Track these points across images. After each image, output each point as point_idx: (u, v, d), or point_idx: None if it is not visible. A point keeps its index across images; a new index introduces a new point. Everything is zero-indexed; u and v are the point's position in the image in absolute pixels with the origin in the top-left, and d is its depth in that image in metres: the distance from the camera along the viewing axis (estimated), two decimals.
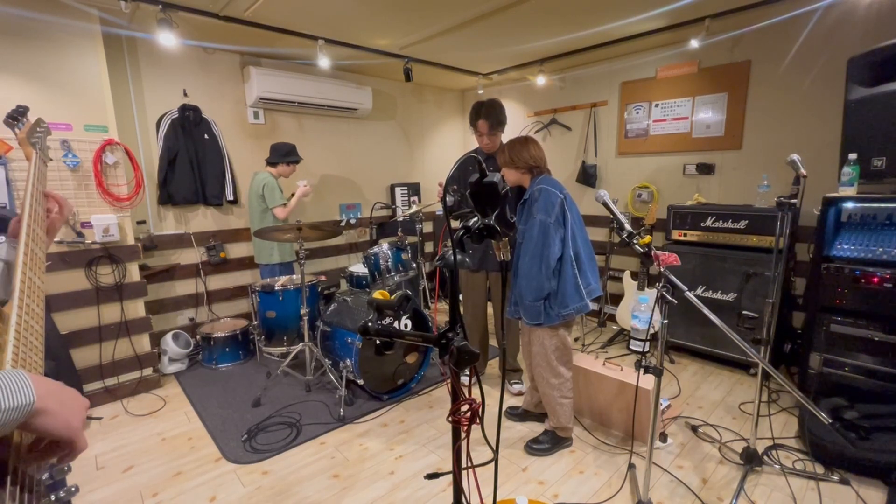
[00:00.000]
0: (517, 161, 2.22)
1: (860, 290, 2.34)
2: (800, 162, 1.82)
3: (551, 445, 2.32)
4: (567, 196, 2.15)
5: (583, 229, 2.19)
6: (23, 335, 0.67)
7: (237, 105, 3.74)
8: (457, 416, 1.05)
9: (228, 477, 2.17)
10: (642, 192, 4.00)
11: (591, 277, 2.19)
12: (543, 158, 2.25)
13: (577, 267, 2.12)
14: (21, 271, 0.74)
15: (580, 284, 2.12)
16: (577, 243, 2.14)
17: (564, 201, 2.12)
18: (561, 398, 2.26)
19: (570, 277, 2.10)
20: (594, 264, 2.23)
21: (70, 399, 0.55)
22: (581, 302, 2.12)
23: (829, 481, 2.03)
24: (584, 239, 2.18)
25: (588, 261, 2.18)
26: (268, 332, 3.34)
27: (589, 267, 2.18)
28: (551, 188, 2.13)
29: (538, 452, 2.30)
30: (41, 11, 2.52)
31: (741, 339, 1.60)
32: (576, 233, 2.14)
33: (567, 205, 2.12)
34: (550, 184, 2.16)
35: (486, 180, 0.95)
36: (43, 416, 0.50)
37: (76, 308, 2.80)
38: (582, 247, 2.16)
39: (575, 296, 2.12)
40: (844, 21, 2.84)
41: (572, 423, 2.35)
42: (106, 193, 2.81)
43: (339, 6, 2.75)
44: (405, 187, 4.93)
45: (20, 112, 1.12)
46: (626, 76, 3.99)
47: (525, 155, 2.21)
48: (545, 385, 2.27)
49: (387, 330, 1.07)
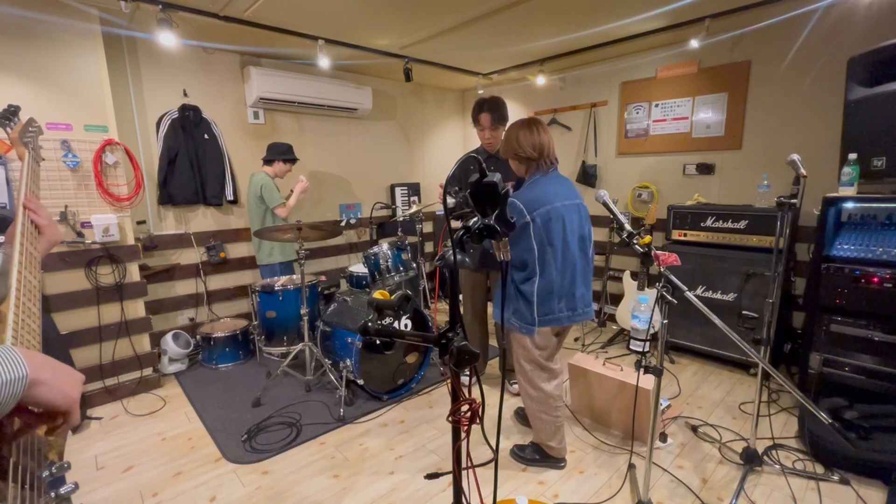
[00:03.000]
0: (508, 150, 1.98)
1: (860, 290, 2.34)
2: (800, 162, 1.82)
3: (539, 458, 2.18)
4: (547, 212, 1.85)
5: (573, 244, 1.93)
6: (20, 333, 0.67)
7: (237, 105, 3.74)
8: (457, 416, 1.05)
9: (228, 477, 2.17)
10: (642, 192, 4.00)
11: (562, 304, 1.93)
12: (537, 146, 1.91)
13: (538, 295, 1.90)
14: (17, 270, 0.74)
15: (535, 312, 1.91)
16: (549, 270, 1.88)
17: (532, 224, 1.84)
18: (541, 413, 2.09)
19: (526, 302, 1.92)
20: (573, 289, 1.94)
21: (63, 371, 0.56)
22: (528, 326, 1.93)
23: (829, 481, 2.03)
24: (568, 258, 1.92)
25: (564, 287, 1.92)
26: (268, 332, 3.34)
27: (563, 293, 1.93)
28: (521, 204, 1.84)
29: (519, 460, 2.22)
30: (41, 11, 2.52)
31: (741, 339, 1.60)
32: (550, 259, 1.88)
33: (536, 228, 1.85)
34: (532, 195, 1.88)
35: (486, 180, 0.95)
36: (39, 386, 0.52)
37: (76, 308, 2.80)
38: (558, 274, 1.90)
39: (524, 317, 1.93)
40: (844, 21, 2.84)
41: (561, 445, 2.15)
42: (106, 193, 2.81)
43: (339, 6, 2.75)
44: (405, 187, 4.93)
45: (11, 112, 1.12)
46: (626, 76, 3.99)
47: (514, 144, 1.93)
48: (524, 394, 2.13)
49: (387, 330, 1.07)
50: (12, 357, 0.49)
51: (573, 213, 1.96)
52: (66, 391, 0.55)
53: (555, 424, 2.11)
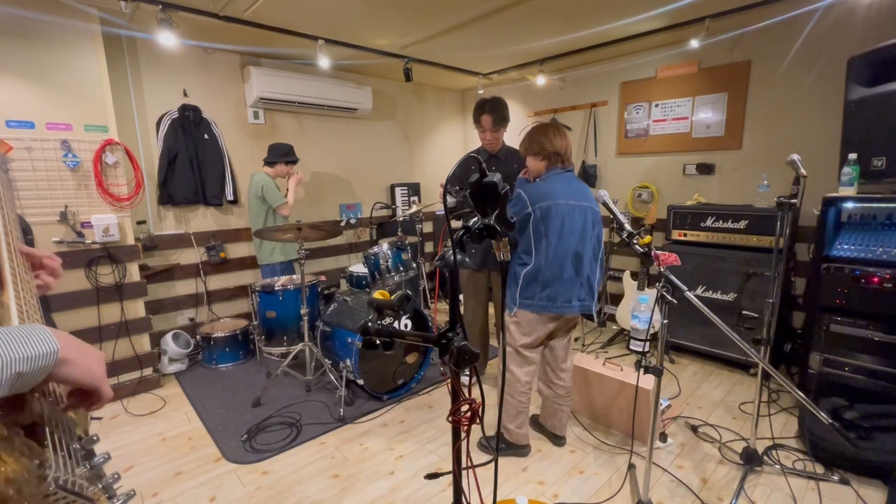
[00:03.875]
0: (534, 146, 2.11)
1: (860, 290, 2.34)
2: (800, 162, 1.82)
3: (504, 447, 2.25)
4: (548, 208, 1.99)
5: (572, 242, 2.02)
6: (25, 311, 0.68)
7: (237, 105, 3.74)
8: (457, 416, 1.05)
9: (228, 477, 2.17)
10: (642, 192, 4.00)
11: (543, 292, 2.03)
12: (564, 147, 2.09)
13: (523, 279, 2.04)
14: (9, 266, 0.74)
15: (517, 293, 2.07)
16: (538, 259, 2.02)
17: (533, 216, 2.00)
18: (507, 395, 2.20)
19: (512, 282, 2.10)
20: (560, 282, 2.03)
21: (87, 350, 0.60)
22: (511, 305, 2.11)
23: (829, 481, 2.03)
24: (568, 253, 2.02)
25: (549, 278, 2.02)
26: (268, 332, 3.34)
27: (546, 283, 2.03)
28: (525, 195, 2.03)
29: (484, 449, 2.31)
30: (41, 11, 2.52)
31: (741, 339, 1.59)
32: (542, 249, 2.01)
33: (535, 220, 2.00)
34: (538, 190, 2.05)
35: (486, 180, 0.95)
36: (66, 364, 0.55)
37: (76, 308, 2.80)
38: (547, 264, 2.01)
39: (511, 296, 2.11)
40: (844, 21, 2.84)
41: (521, 431, 2.23)
42: (106, 193, 2.81)
43: (339, 6, 2.75)
44: (405, 187, 4.93)
45: None
46: (626, 76, 3.99)
47: (542, 140, 2.09)
48: (498, 375, 2.24)
49: (387, 330, 1.07)
50: (44, 333, 0.53)
51: (577, 214, 2.04)
52: (92, 369, 0.59)
53: (517, 409, 2.22)
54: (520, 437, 2.25)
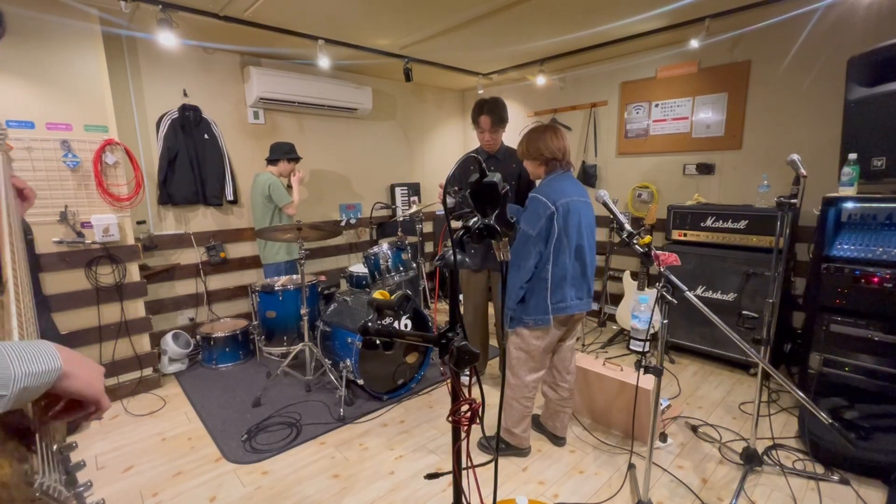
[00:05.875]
0: (532, 151, 2.11)
1: (860, 290, 2.34)
2: (800, 162, 1.82)
3: (504, 447, 2.27)
4: (567, 204, 2.00)
5: (584, 238, 2.06)
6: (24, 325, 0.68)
7: (237, 105, 3.74)
8: (457, 416, 1.05)
9: (228, 477, 2.17)
10: (642, 192, 4.00)
11: (572, 291, 2.07)
12: (562, 149, 2.09)
13: (552, 282, 2.02)
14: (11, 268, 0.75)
15: (548, 299, 2.03)
16: (562, 258, 2.02)
17: (556, 213, 1.97)
18: (513, 400, 2.20)
19: (540, 291, 2.03)
20: (585, 279, 2.10)
21: (88, 364, 0.63)
22: (542, 316, 2.04)
23: (829, 481, 2.03)
24: (579, 250, 2.05)
25: (575, 276, 2.07)
26: (268, 332, 3.34)
27: (574, 282, 2.06)
28: (543, 197, 2.00)
29: (484, 449, 2.32)
30: (41, 11, 2.52)
31: (741, 339, 1.60)
32: (564, 247, 2.01)
33: (558, 217, 1.98)
34: (550, 189, 2.03)
35: (486, 180, 0.95)
36: (68, 378, 0.57)
37: (76, 308, 2.80)
38: (571, 263, 2.04)
39: (537, 309, 2.04)
40: (844, 21, 2.84)
41: (524, 434, 2.26)
42: (106, 193, 2.81)
43: (339, 6, 2.75)
44: (405, 187, 4.93)
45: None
46: (626, 76, 3.99)
47: (539, 145, 2.09)
48: (506, 383, 2.23)
49: (387, 330, 1.07)
50: (49, 350, 0.55)
51: (586, 210, 2.11)
52: (91, 382, 0.61)
53: (522, 413, 2.22)
54: (522, 441, 2.26)
